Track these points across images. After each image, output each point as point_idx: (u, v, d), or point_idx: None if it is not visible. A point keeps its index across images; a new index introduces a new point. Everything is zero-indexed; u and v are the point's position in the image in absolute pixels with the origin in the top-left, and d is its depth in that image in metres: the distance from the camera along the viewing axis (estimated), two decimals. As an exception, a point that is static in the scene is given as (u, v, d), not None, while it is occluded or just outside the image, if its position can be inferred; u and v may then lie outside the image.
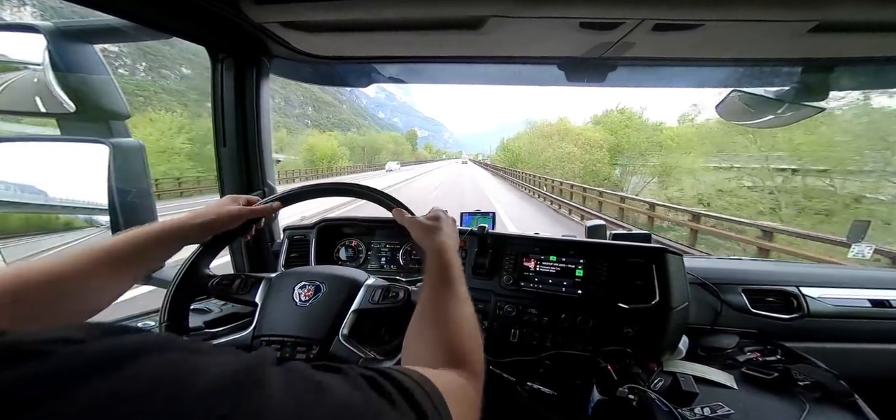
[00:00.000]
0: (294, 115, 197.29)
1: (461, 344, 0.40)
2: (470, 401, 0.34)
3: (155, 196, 0.84)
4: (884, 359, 0.92)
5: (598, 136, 24.47)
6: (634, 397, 0.65)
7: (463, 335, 0.42)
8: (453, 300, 0.46)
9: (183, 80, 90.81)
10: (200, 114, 69.58)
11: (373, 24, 0.76)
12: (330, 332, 0.57)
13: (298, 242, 1.09)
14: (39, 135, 0.83)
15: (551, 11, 0.68)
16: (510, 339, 0.86)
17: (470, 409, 0.33)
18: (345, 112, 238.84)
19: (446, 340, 0.41)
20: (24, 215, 0.78)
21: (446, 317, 0.44)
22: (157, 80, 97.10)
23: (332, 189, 0.71)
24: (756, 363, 0.78)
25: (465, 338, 0.41)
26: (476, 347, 0.42)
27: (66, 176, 0.78)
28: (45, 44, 0.68)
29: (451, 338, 0.41)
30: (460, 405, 0.30)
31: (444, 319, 0.43)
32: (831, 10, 0.65)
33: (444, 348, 0.40)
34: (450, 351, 0.39)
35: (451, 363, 0.38)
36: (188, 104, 76.72)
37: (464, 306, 0.46)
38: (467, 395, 0.34)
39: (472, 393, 0.35)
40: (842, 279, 0.98)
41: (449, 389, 0.30)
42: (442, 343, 0.40)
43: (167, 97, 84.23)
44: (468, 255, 0.95)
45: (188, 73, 67.60)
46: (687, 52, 0.86)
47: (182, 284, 0.58)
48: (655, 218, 8.43)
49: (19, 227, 0.79)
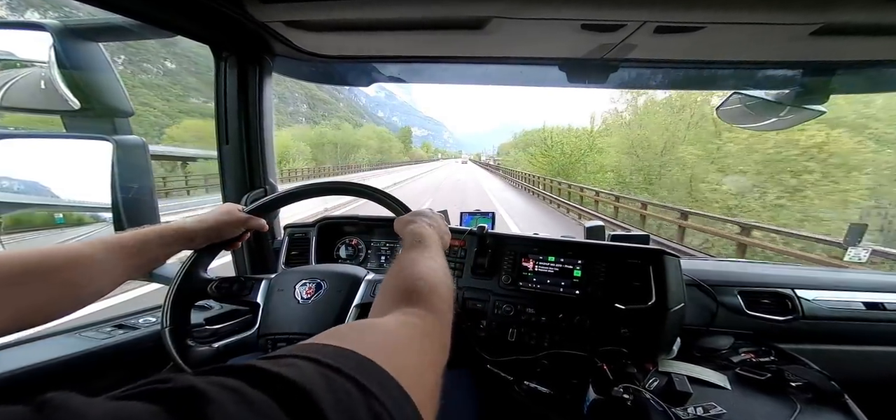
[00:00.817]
0: (287, 113, 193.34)
1: (415, 283, 0.38)
2: (419, 335, 0.31)
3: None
4: (877, 360, 0.93)
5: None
6: (629, 397, 0.66)
7: (419, 274, 0.40)
8: (416, 253, 0.45)
9: (166, 75, 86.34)
10: (186, 111, 66.48)
11: (375, 23, 0.77)
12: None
13: (299, 240, 1.10)
14: (44, 131, 0.83)
15: (553, 13, 0.69)
16: (508, 338, 0.88)
17: (419, 343, 0.30)
18: (342, 110, 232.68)
19: (401, 285, 0.39)
20: (30, 211, 0.79)
21: (406, 267, 0.42)
22: (137, 73, 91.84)
23: (332, 189, 0.72)
24: (750, 364, 0.80)
25: (421, 275, 0.39)
26: (435, 283, 0.39)
27: (70, 172, 0.79)
28: (51, 41, 0.68)
29: (404, 283, 0.39)
30: (403, 347, 0.27)
31: (403, 268, 0.42)
32: (833, 14, 0.66)
33: (398, 291, 0.38)
34: (403, 292, 0.37)
35: (399, 304, 0.35)
36: (170, 100, 73.06)
37: (428, 256, 0.44)
38: (413, 332, 0.30)
39: (422, 326, 0.32)
40: (837, 282, 0.99)
41: (385, 338, 0.27)
42: (397, 288, 0.39)
43: (147, 92, 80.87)
44: (467, 254, 0.96)
45: (172, 67, 65.09)
46: (688, 54, 0.86)
47: (181, 289, 0.60)
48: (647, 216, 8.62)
49: (26, 222, 0.80)
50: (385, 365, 0.22)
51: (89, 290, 0.44)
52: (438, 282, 0.40)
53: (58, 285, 0.41)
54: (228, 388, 0.15)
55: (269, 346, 0.59)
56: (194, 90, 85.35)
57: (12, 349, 0.63)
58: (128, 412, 0.13)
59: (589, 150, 19.03)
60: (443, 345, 0.33)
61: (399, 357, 0.25)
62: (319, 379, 0.18)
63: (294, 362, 0.19)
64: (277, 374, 0.17)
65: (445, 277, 0.42)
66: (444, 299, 0.38)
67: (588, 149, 19.08)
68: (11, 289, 0.37)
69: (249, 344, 0.60)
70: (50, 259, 0.41)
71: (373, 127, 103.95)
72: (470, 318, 0.90)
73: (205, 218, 0.61)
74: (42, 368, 0.61)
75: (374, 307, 0.40)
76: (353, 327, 0.30)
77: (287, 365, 0.18)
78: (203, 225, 0.59)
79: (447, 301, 0.38)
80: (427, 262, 0.43)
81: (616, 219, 9.29)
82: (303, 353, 0.20)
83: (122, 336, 0.74)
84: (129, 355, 0.74)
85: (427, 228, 0.54)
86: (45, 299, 0.40)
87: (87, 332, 0.73)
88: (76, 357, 0.66)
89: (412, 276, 0.40)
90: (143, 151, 0.79)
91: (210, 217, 0.61)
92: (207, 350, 0.59)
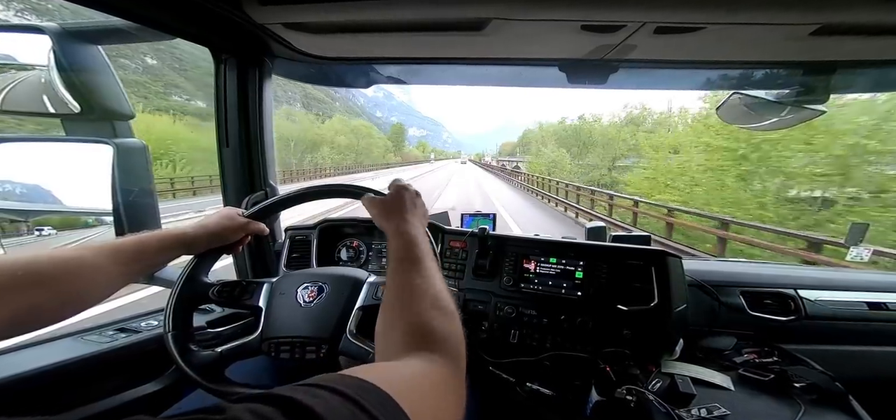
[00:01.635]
0: (279, 113, 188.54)
1: (429, 323, 0.36)
2: (440, 383, 0.30)
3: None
4: (880, 360, 0.93)
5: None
6: (632, 398, 0.66)
7: (431, 314, 0.37)
8: (419, 278, 0.42)
9: (146, 72, 77.70)
10: (165, 109, 61.98)
11: (375, 25, 0.77)
12: (337, 330, 0.58)
13: (300, 243, 1.09)
14: (44, 135, 0.83)
15: (553, 14, 0.69)
16: (510, 339, 0.87)
17: (441, 392, 0.29)
18: (338, 109, 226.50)
19: (412, 323, 0.37)
20: (30, 214, 0.78)
21: (411, 297, 0.39)
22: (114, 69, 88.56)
23: (335, 191, 0.71)
24: (753, 364, 0.79)
25: (433, 316, 0.37)
26: (448, 324, 0.37)
27: (70, 176, 0.79)
28: (50, 45, 0.68)
29: (417, 319, 0.37)
30: (426, 393, 0.27)
31: (408, 300, 0.39)
32: (833, 14, 0.66)
33: (409, 331, 0.36)
34: (416, 334, 0.35)
35: (418, 347, 0.34)
36: (149, 97, 66.30)
37: (430, 283, 0.41)
38: (436, 379, 0.30)
39: (443, 374, 0.31)
40: (839, 282, 0.98)
41: (407, 382, 0.27)
42: (408, 327, 0.36)
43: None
44: (469, 256, 0.95)
45: (153, 63, 61.31)
46: (688, 54, 0.86)
47: (183, 293, 0.60)
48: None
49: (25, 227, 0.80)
50: (404, 406, 0.23)
51: (86, 296, 0.44)
52: (450, 321, 0.38)
53: (54, 290, 0.41)
54: (265, 418, 0.17)
55: (271, 349, 0.59)
56: (176, 88, 79.48)
57: (14, 353, 0.63)
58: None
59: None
60: (460, 395, 0.32)
61: (419, 402, 0.25)
62: (344, 412, 0.20)
63: (321, 393, 0.21)
64: (307, 406, 0.19)
65: (453, 310, 0.40)
66: (458, 342, 0.36)
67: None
68: (7, 293, 0.37)
69: (252, 348, 0.60)
70: (46, 264, 0.41)
71: (340, 118, 73.02)
72: (471, 319, 0.90)
73: (205, 223, 0.61)
74: (44, 372, 0.61)
75: (382, 336, 0.39)
76: (377, 367, 0.30)
77: (315, 396, 0.20)
78: (203, 230, 0.60)
79: (462, 341, 0.37)
80: (432, 293, 0.40)
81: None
82: (328, 383, 0.22)
83: (124, 339, 0.74)
84: (131, 359, 0.73)
85: (417, 229, 0.50)
86: (42, 304, 0.40)
87: (89, 336, 0.73)
88: (78, 360, 0.65)
89: (423, 316, 0.37)
90: (144, 154, 0.79)
91: (210, 222, 0.61)
92: (210, 354, 0.58)
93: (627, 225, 8.87)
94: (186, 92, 79.37)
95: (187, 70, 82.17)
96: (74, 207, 0.80)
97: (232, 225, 0.63)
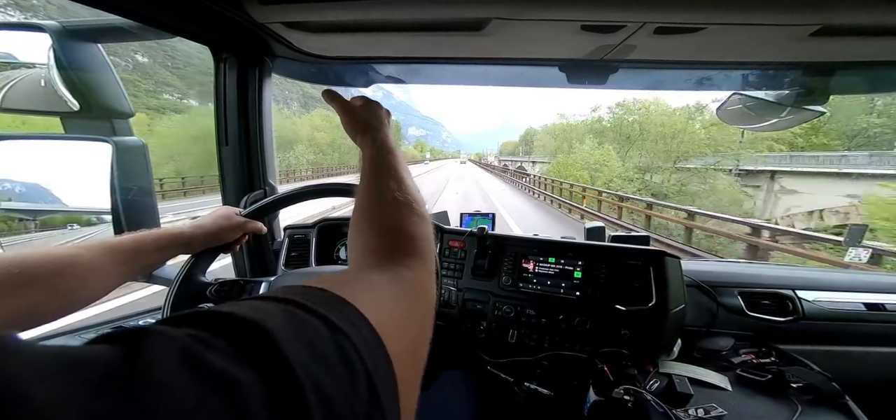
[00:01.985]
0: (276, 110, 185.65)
1: (401, 225, 0.34)
2: (409, 290, 0.28)
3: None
4: (877, 361, 0.93)
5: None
6: (630, 398, 0.66)
7: (403, 216, 0.35)
8: (392, 182, 0.39)
9: (136, 69, 74.61)
10: (155, 107, 59.04)
11: (376, 25, 0.77)
12: None
13: (299, 242, 1.09)
14: (43, 133, 0.83)
15: (553, 14, 0.69)
16: (509, 339, 0.88)
17: (409, 298, 0.27)
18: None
19: (384, 226, 0.35)
20: (31, 213, 0.78)
21: (383, 201, 0.37)
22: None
23: (333, 190, 0.71)
24: (750, 365, 0.80)
25: (405, 218, 0.35)
26: (419, 226, 0.35)
27: (69, 174, 0.79)
28: (50, 43, 0.68)
29: (389, 222, 0.35)
30: (382, 295, 0.25)
31: (379, 203, 0.37)
32: (833, 15, 0.66)
33: (383, 233, 0.34)
34: (388, 236, 0.33)
35: (391, 250, 0.31)
36: (138, 95, 62.64)
37: (402, 186, 0.39)
38: (404, 286, 0.28)
39: (413, 278, 0.29)
40: (837, 283, 0.99)
41: (367, 284, 0.25)
42: (380, 230, 0.34)
43: (110, 87, 75.28)
44: (467, 256, 0.96)
45: (144, 61, 58.87)
46: (688, 55, 0.86)
47: (180, 293, 0.60)
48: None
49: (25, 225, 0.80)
50: (357, 305, 0.20)
51: (83, 295, 0.44)
52: (422, 219, 0.35)
53: (51, 289, 0.40)
54: (179, 328, 0.14)
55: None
56: (168, 86, 77.28)
57: None
58: (88, 353, 0.13)
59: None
60: (430, 293, 0.30)
61: (375, 302, 0.22)
62: (279, 314, 0.17)
63: (255, 303, 0.18)
64: (231, 314, 0.16)
65: (426, 214, 0.37)
66: (429, 240, 0.34)
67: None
68: (3, 292, 0.37)
69: None
70: (43, 262, 0.41)
71: (326, 114, 59.18)
72: (470, 319, 0.90)
73: (202, 222, 0.61)
74: None
75: (352, 247, 0.36)
76: (332, 274, 0.28)
77: (246, 306, 0.17)
78: (200, 229, 0.60)
79: (430, 240, 0.35)
80: (407, 190, 0.38)
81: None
82: (269, 294, 0.19)
83: None
84: None
85: (388, 137, 0.47)
86: (38, 303, 0.40)
87: (86, 335, 0.73)
88: None
89: (397, 215, 0.35)
90: (143, 153, 0.79)
91: (207, 221, 0.62)
92: None
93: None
94: (178, 90, 76.61)
95: (179, 68, 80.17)
96: (74, 206, 0.80)
97: (229, 224, 0.63)
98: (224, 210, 0.66)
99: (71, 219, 0.81)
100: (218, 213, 0.64)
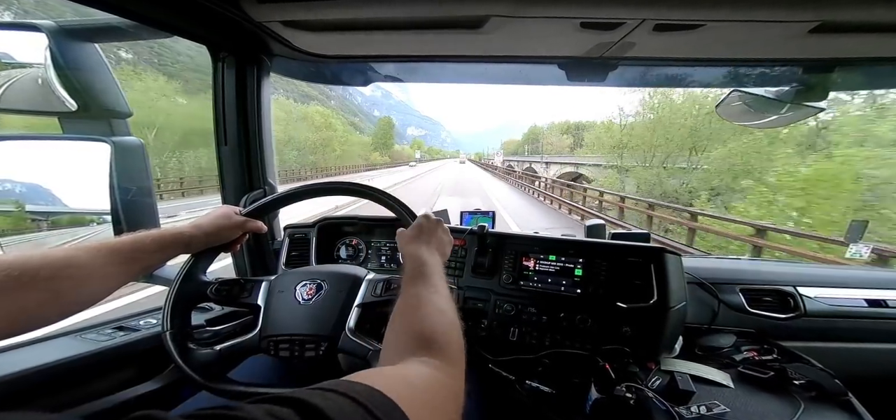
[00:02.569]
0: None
1: (431, 329, 0.39)
2: (439, 386, 0.31)
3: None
4: (879, 358, 0.93)
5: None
6: (632, 396, 0.66)
7: (434, 320, 0.40)
8: (426, 290, 0.45)
9: (118, 65, 72.45)
10: (134, 102, 59.30)
11: (374, 23, 0.76)
12: (336, 327, 0.58)
13: (299, 241, 1.09)
14: (42, 133, 0.83)
15: (552, 12, 0.68)
16: (509, 337, 0.87)
17: (440, 394, 0.31)
18: (332, 107, 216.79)
19: (415, 329, 0.39)
20: (30, 214, 0.78)
21: (416, 305, 0.43)
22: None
23: (333, 189, 0.71)
24: (752, 362, 0.79)
25: (436, 323, 0.40)
26: (449, 332, 0.39)
27: (68, 174, 0.78)
28: (46, 42, 0.68)
29: (419, 325, 0.39)
30: (425, 395, 0.29)
31: (413, 308, 0.42)
32: (831, 11, 0.65)
33: (413, 336, 0.38)
34: (418, 338, 0.38)
35: (419, 350, 0.36)
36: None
37: (435, 295, 0.44)
38: (435, 383, 0.32)
39: (442, 378, 0.33)
40: (838, 279, 0.98)
41: (409, 386, 0.28)
42: (411, 331, 0.39)
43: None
44: (468, 254, 0.95)
45: (128, 56, 57.21)
46: (688, 52, 0.86)
47: (181, 292, 0.59)
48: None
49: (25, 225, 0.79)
50: (406, 410, 0.24)
51: (82, 297, 0.44)
52: (452, 326, 0.40)
53: (49, 291, 0.40)
54: (279, 418, 0.19)
55: (271, 347, 0.59)
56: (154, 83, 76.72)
57: (14, 351, 0.63)
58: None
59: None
60: (459, 396, 0.33)
61: (419, 405, 0.26)
62: (355, 416, 0.22)
63: (332, 396, 0.22)
64: (320, 408, 0.21)
65: (455, 317, 0.42)
66: (459, 347, 0.39)
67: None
68: (1, 295, 0.36)
69: (251, 346, 0.60)
70: (41, 265, 0.40)
71: (297, 105, 54.16)
72: (471, 317, 0.90)
73: (201, 222, 0.61)
74: (44, 370, 0.61)
75: (388, 346, 0.40)
76: (381, 372, 0.31)
77: (327, 399, 0.22)
78: (199, 229, 0.59)
79: (461, 348, 0.39)
80: (436, 303, 0.43)
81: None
82: (338, 388, 0.24)
83: (123, 338, 0.74)
84: (130, 357, 0.73)
85: (430, 254, 0.54)
86: (36, 305, 0.39)
87: (88, 334, 0.73)
88: (78, 359, 0.65)
89: (426, 319, 0.40)
90: (142, 153, 0.79)
91: (206, 221, 0.61)
92: (209, 352, 0.58)
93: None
94: (163, 87, 74.71)
95: (166, 65, 77.79)
96: (73, 206, 0.80)
97: (228, 223, 0.63)
98: (223, 209, 0.65)
99: (72, 220, 0.81)
100: (217, 213, 0.64)
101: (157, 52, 76.89)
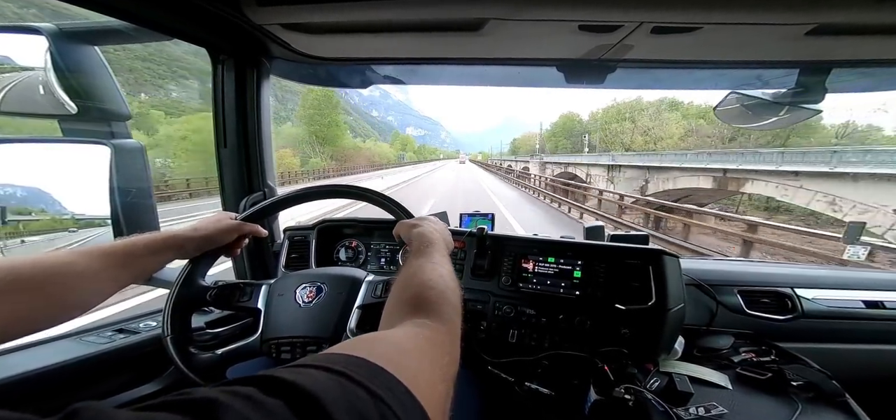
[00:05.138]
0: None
1: (425, 293, 0.39)
2: (429, 346, 0.31)
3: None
4: (877, 359, 0.93)
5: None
6: (630, 397, 0.66)
7: (428, 287, 0.40)
8: (426, 261, 0.46)
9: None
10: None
11: (373, 26, 0.77)
12: (337, 329, 0.58)
13: (298, 243, 1.09)
14: (42, 136, 0.83)
15: (551, 14, 0.69)
16: (509, 339, 0.87)
17: (429, 351, 0.30)
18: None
19: (409, 294, 0.40)
20: (30, 217, 0.78)
21: (414, 274, 0.43)
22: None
23: (331, 192, 0.71)
24: (750, 363, 0.80)
25: (430, 286, 0.40)
26: (443, 293, 0.39)
27: (68, 177, 0.78)
28: (46, 45, 0.68)
29: (413, 290, 0.40)
30: (412, 354, 0.28)
31: (410, 277, 0.43)
32: (828, 14, 0.66)
33: (407, 302, 0.39)
34: (412, 302, 0.38)
35: (412, 314, 0.36)
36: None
37: (433, 265, 0.45)
38: (424, 342, 0.31)
39: (432, 335, 0.33)
40: (836, 280, 0.99)
41: (394, 347, 0.28)
42: (405, 298, 0.40)
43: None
44: (467, 256, 0.95)
45: (109, 55, 55.78)
46: (685, 54, 0.86)
47: (180, 297, 0.59)
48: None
49: (26, 228, 0.79)
50: (394, 372, 0.23)
51: (75, 302, 0.43)
52: (447, 289, 0.40)
53: (42, 297, 0.40)
54: (242, 396, 0.17)
55: (272, 350, 0.59)
56: (145, 84, 72.52)
57: (13, 354, 0.63)
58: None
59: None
60: (452, 353, 0.33)
61: (408, 365, 0.25)
62: (330, 384, 0.20)
63: (306, 370, 0.20)
64: (289, 381, 0.19)
65: (453, 283, 0.43)
66: (454, 307, 0.39)
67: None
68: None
69: (252, 349, 0.60)
70: (33, 270, 0.40)
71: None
72: (470, 319, 0.90)
73: (197, 226, 0.61)
74: (44, 373, 0.61)
75: (385, 316, 0.40)
76: (364, 339, 0.31)
77: (299, 372, 0.20)
78: (195, 233, 0.59)
79: (456, 309, 0.39)
80: (435, 269, 0.44)
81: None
82: (315, 362, 0.22)
83: (122, 340, 0.74)
84: (130, 359, 0.73)
85: (433, 232, 0.55)
86: (28, 311, 0.39)
87: (88, 337, 0.73)
88: (77, 361, 0.65)
89: (421, 285, 0.40)
90: (142, 155, 0.79)
91: (202, 225, 0.61)
92: (210, 356, 0.58)
93: None
94: (146, 89, 71.55)
95: (155, 65, 74.97)
96: (74, 210, 0.80)
97: (224, 227, 0.63)
98: (219, 214, 0.66)
99: (72, 223, 0.81)
100: (213, 218, 0.64)
101: (140, 54, 73.06)
